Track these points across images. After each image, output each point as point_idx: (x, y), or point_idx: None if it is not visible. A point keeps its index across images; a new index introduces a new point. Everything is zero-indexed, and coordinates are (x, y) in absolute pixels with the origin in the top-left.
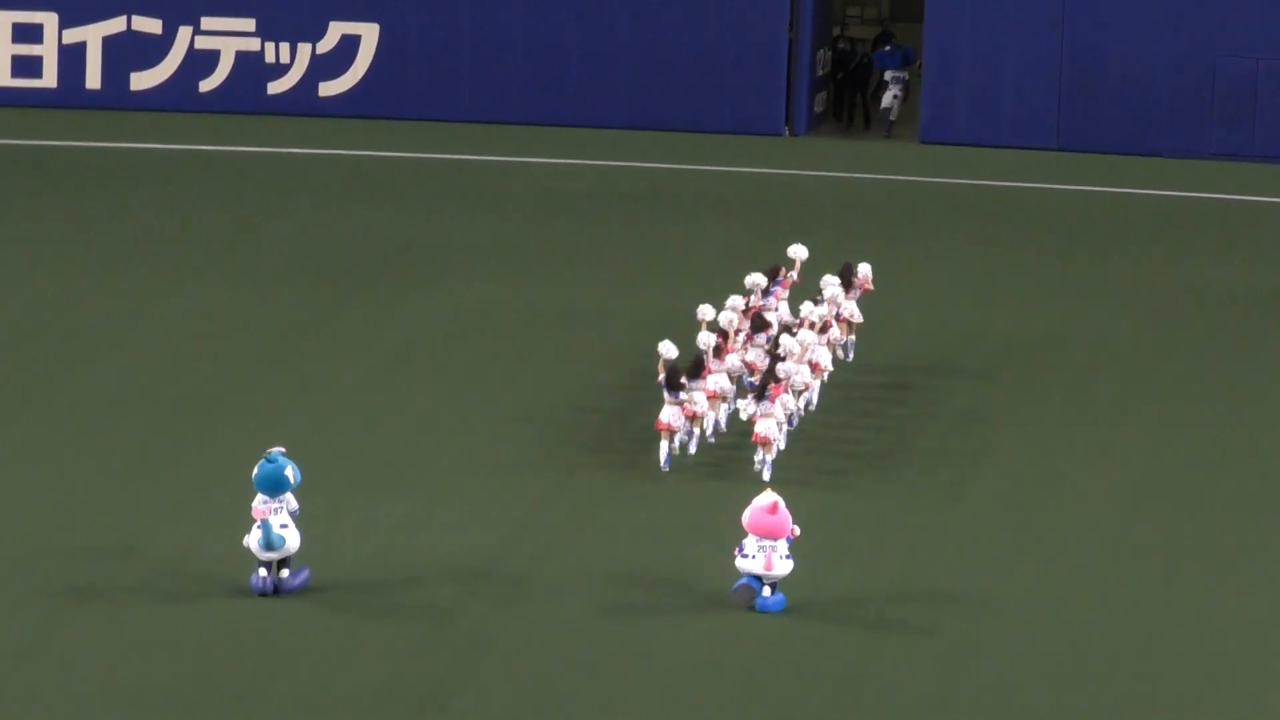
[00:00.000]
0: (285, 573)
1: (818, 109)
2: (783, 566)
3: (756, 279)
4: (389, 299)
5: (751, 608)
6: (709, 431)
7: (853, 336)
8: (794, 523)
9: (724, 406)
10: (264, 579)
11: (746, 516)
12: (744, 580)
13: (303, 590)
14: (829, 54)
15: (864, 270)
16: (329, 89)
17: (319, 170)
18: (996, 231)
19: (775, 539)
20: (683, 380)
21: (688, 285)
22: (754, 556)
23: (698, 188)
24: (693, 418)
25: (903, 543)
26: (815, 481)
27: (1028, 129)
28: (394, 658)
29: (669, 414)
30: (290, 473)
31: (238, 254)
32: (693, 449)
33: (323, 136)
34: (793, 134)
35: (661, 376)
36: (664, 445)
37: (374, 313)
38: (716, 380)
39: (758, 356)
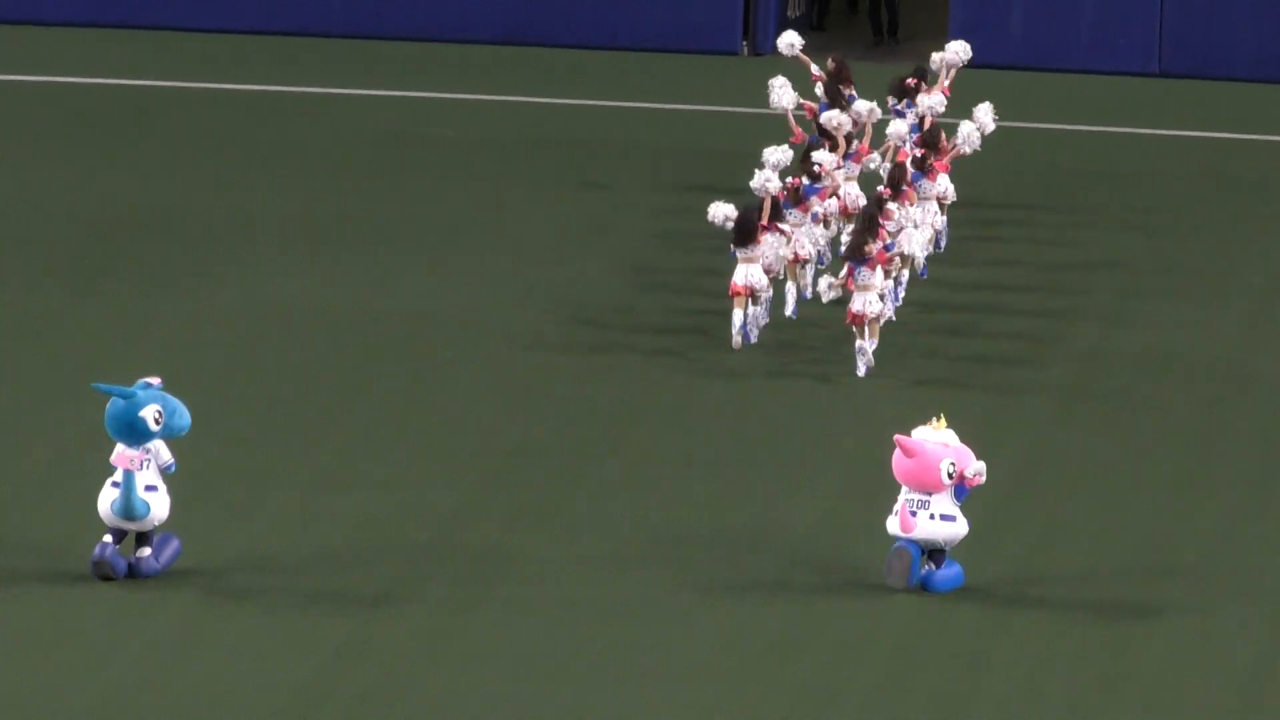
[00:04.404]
0: (146, 551)
1: (793, 13)
2: (933, 529)
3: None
4: (141, 297)
5: (907, 586)
6: (790, 304)
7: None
8: (963, 463)
9: (809, 269)
10: (113, 554)
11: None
12: (897, 544)
13: (169, 571)
14: None
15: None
16: None
17: (26, 103)
18: (1069, 209)
19: (925, 491)
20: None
21: (601, 280)
22: (895, 514)
23: (612, 134)
24: (797, 262)
25: (1110, 478)
26: (950, 377)
27: (1113, 48)
28: (309, 666)
29: (744, 274)
30: (152, 413)
31: None
32: (762, 322)
33: (34, 53)
34: (755, 52)
35: (723, 221)
36: (737, 315)
37: (119, 317)
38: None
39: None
